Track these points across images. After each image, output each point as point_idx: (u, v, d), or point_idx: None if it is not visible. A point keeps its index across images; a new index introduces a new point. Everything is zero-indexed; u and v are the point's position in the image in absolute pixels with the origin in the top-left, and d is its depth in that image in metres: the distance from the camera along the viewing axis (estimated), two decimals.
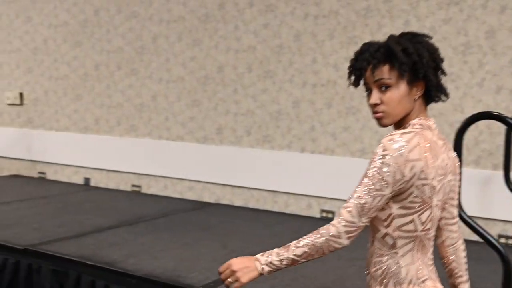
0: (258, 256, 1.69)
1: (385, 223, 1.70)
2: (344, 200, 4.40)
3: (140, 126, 5.46)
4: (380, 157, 1.62)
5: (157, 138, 5.35)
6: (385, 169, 1.62)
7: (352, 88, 4.36)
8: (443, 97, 1.77)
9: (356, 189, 1.65)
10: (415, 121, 1.73)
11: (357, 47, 1.79)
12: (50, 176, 6.09)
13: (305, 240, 1.65)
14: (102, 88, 5.67)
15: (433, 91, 1.73)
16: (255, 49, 4.77)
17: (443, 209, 1.86)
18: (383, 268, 1.74)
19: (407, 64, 1.67)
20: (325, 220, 4.41)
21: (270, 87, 4.72)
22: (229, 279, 1.69)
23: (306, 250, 1.65)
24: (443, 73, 1.74)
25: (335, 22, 4.38)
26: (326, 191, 4.50)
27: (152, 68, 5.34)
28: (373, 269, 1.75)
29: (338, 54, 4.38)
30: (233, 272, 1.68)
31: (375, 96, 1.71)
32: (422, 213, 1.69)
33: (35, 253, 3.40)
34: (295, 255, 1.66)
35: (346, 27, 4.33)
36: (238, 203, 4.91)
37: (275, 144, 4.73)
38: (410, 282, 1.72)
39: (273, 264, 1.67)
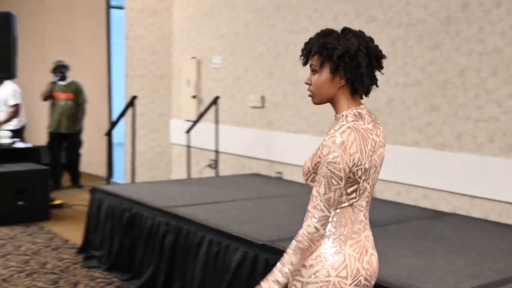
0: (262, 284, 2.02)
1: None
2: None
3: None
4: (329, 157, 1.96)
5: (392, 143, 5.28)
6: (336, 167, 1.96)
7: None
8: (363, 91, 2.06)
9: (319, 189, 1.99)
10: (347, 112, 2.07)
11: None
12: (287, 176, 6.34)
13: (293, 249, 2.00)
14: None
15: (350, 83, 2.04)
16: (502, 52, 4.47)
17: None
18: None
19: (324, 56, 2.02)
20: None
21: None
22: None
23: (300, 256, 2.00)
24: (367, 70, 2.02)
25: None
26: None
27: (389, 72, 5.28)
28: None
29: None
30: None
31: (308, 78, 2.11)
32: (350, 187, 2.04)
33: (272, 249, 3.55)
34: (292, 264, 2.00)
35: None
36: (476, 214, 4.63)
37: None
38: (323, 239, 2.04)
39: (280, 282, 2.00)
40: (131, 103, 6.86)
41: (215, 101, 6.90)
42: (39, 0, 11.80)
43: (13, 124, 7.88)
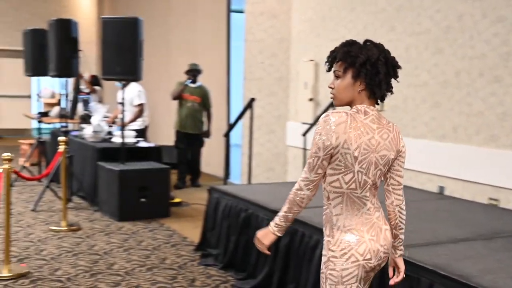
0: (270, 224, 2.50)
1: (323, 179, 2.41)
2: None
3: (501, 136, 5.16)
4: (317, 129, 2.33)
5: None
6: (318, 137, 2.32)
7: None
8: (380, 95, 2.38)
9: (309, 155, 2.39)
10: (355, 107, 2.37)
11: None
12: (405, 181, 6.14)
13: (287, 200, 2.44)
14: (461, 95, 5.53)
15: (369, 88, 2.35)
16: None
17: (391, 177, 2.49)
18: (325, 214, 2.49)
19: (347, 63, 2.35)
20: None
21: None
22: (258, 246, 2.53)
23: (288, 206, 2.44)
24: (385, 78, 2.36)
25: None
26: None
27: None
28: (323, 215, 2.50)
29: None
30: (259, 241, 2.52)
31: (331, 82, 2.43)
32: (345, 175, 2.36)
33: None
34: (284, 212, 2.46)
35: None
36: None
37: None
38: (338, 228, 2.42)
39: (278, 225, 2.48)
40: (249, 105, 6.96)
41: (332, 104, 6.85)
42: (165, 6, 12.29)
43: (137, 124, 8.24)
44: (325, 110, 6.88)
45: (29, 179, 6.56)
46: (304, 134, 6.96)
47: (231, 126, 7.42)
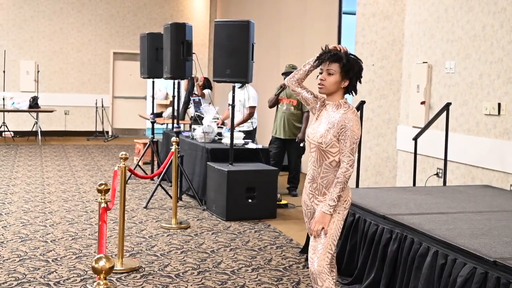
0: (324, 210, 3.38)
1: (337, 156, 3.43)
2: None
3: None
4: (354, 125, 3.39)
5: None
6: (358, 130, 3.41)
7: None
8: (353, 94, 3.53)
9: (351, 143, 3.39)
10: (345, 100, 3.51)
11: None
12: None
13: (340, 187, 3.36)
14: None
15: (350, 88, 3.50)
16: None
17: None
18: (329, 179, 3.46)
19: (345, 68, 3.40)
20: None
21: None
22: (318, 229, 3.43)
23: (341, 187, 3.37)
24: (358, 82, 3.51)
25: None
26: None
27: None
28: (321, 181, 3.48)
29: None
30: (319, 223, 3.41)
31: (323, 76, 3.46)
32: None
33: (504, 267, 3.29)
34: (338, 193, 3.36)
35: None
36: None
37: None
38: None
39: (333, 206, 3.37)
40: (358, 108, 6.86)
41: (446, 108, 6.61)
42: (275, 9, 12.39)
43: (246, 126, 8.34)
44: (439, 114, 6.65)
45: (142, 177, 6.79)
46: (415, 139, 6.76)
47: None
